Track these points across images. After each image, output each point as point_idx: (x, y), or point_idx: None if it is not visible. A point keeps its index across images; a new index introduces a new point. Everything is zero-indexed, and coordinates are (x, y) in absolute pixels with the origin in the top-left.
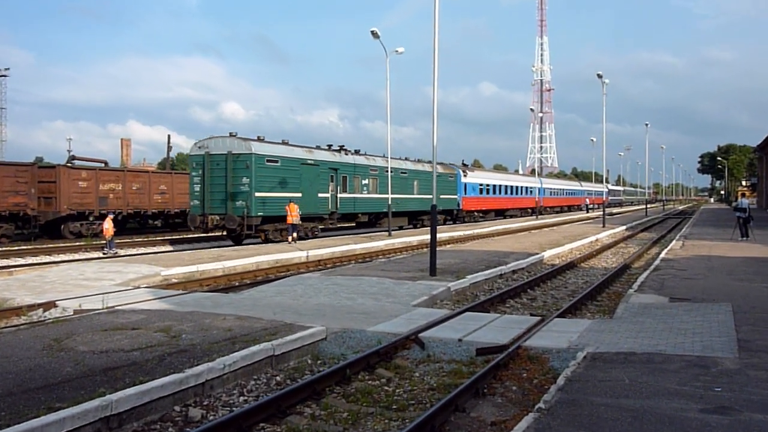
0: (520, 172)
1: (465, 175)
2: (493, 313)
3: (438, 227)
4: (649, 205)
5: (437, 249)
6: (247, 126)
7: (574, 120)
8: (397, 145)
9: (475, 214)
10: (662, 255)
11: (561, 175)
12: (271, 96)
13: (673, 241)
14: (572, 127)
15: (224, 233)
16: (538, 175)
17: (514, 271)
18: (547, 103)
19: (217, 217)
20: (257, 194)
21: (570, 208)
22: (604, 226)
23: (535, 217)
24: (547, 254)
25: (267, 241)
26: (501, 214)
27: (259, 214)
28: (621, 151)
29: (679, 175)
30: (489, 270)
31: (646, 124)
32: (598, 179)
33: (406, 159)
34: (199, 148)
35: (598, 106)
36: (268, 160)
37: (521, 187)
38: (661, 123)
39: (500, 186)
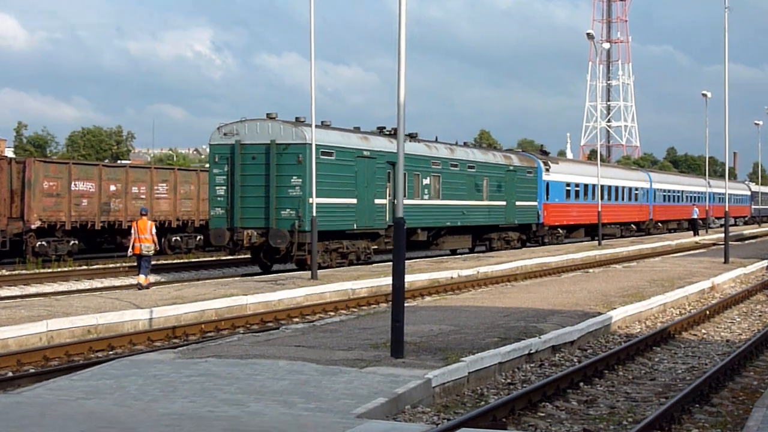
0: (569, 155)
1: (547, 170)
2: None
3: (503, 252)
4: None
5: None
6: (26, 60)
7: (667, 57)
8: (329, 102)
9: (559, 230)
10: None
11: (647, 162)
12: (82, 5)
13: None
14: (665, 70)
15: (251, 254)
16: (615, 162)
17: (554, 348)
18: (620, 23)
19: (255, 233)
20: (312, 200)
21: (690, 224)
22: (726, 262)
23: (599, 243)
24: (617, 314)
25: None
26: (593, 231)
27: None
28: (758, 116)
29: None
30: (506, 345)
31: None
32: (714, 171)
33: (464, 144)
34: (225, 135)
35: (714, 32)
36: (323, 153)
37: (625, 188)
38: None
39: (596, 187)
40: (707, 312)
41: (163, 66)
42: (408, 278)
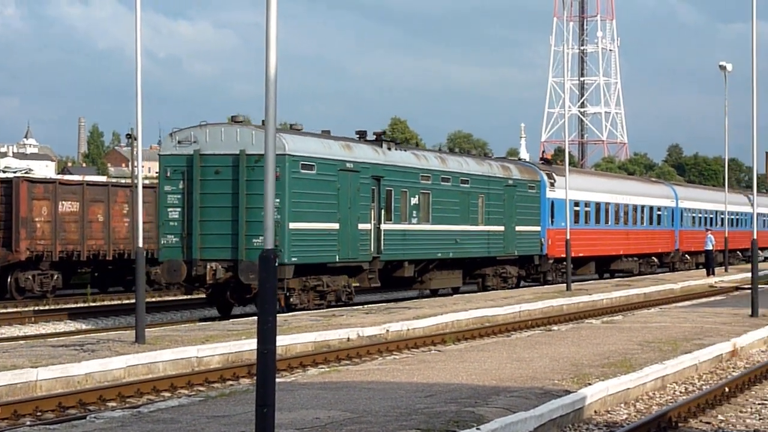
0: (525, 155)
1: (552, 185)
2: None
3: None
4: None
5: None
6: None
7: (667, 11)
8: (161, 73)
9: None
10: None
11: (639, 167)
12: None
13: None
14: (664, 31)
15: (202, 292)
16: (592, 167)
17: None
18: None
19: (221, 267)
20: (293, 225)
21: (736, 255)
22: (755, 314)
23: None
24: (594, 393)
25: (288, 309)
26: (606, 265)
27: (294, 259)
28: None
29: None
30: None
31: None
32: (737, 181)
33: (453, 151)
34: (180, 143)
35: None
36: (303, 166)
37: (645, 207)
38: None
39: (612, 205)
40: (726, 389)
41: None
42: (284, 340)
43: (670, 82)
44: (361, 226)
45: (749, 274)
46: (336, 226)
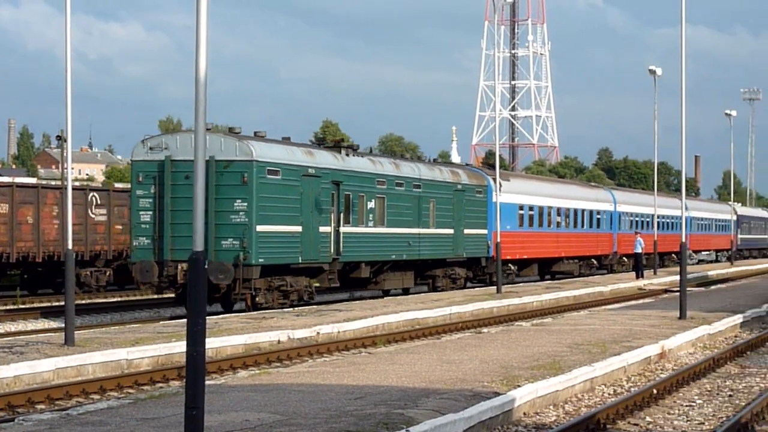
0: (456, 157)
1: (499, 189)
2: None
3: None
4: None
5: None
6: None
7: (596, 15)
8: (93, 75)
9: (510, 266)
10: None
11: (569, 170)
12: None
13: None
14: (593, 36)
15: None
16: (523, 170)
17: None
18: None
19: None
20: (260, 228)
21: (671, 258)
22: (683, 317)
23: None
24: (523, 395)
25: (254, 308)
26: (548, 267)
27: (261, 260)
28: (731, 103)
29: None
30: None
31: None
32: (667, 184)
33: (405, 158)
34: (151, 150)
35: None
36: (269, 171)
37: (585, 211)
38: None
39: (554, 209)
40: (655, 391)
41: None
42: (213, 342)
43: (600, 86)
44: (321, 228)
45: (678, 277)
46: (299, 228)
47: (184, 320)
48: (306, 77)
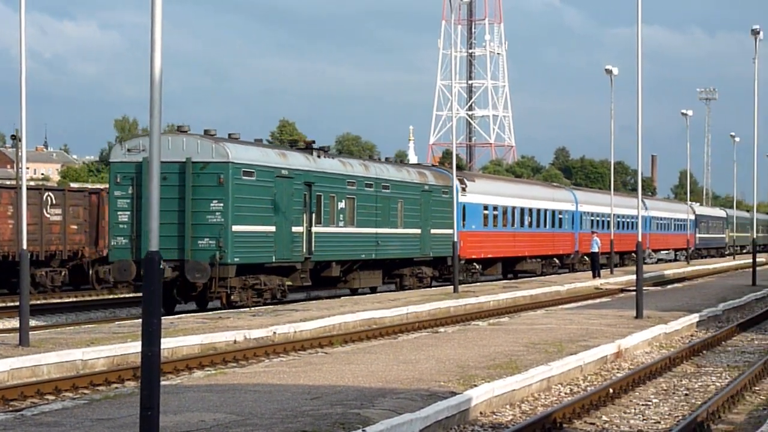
0: (413, 157)
1: (464, 189)
2: None
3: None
4: None
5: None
6: None
7: (552, 14)
8: (48, 74)
9: (475, 265)
10: None
11: (527, 169)
12: None
13: None
14: (549, 35)
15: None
16: (479, 169)
17: None
18: None
19: (168, 266)
20: (236, 228)
21: (632, 257)
22: (639, 316)
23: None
24: (480, 394)
25: (229, 306)
26: (511, 266)
27: (236, 259)
28: (687, 102)
29: None
30: None
31: (756, 32)
32: (623, 184)
33: (373, 159)
34: (129, 151)
35: None
36: (245, 173)
37: (548, 211)
38: None
39: (518, 210)
40: (611, 390)
41: None
42: (169, 343)
43: (557, 86)
44: (294, 228)
45: (634, 276)
46: (273, 228)
47: (140, 320)
48: (260, 76)
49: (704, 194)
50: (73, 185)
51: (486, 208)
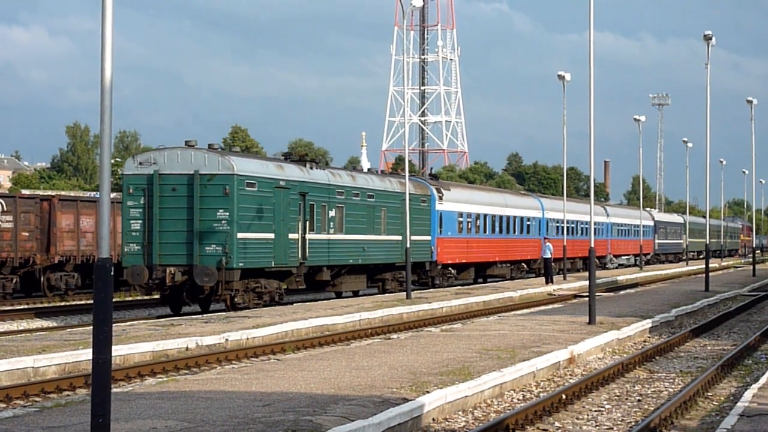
0: (365, 164)
1: (440, 198)
2: None
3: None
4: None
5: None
6: None
7: (502, 20)
8: None
9: (451, 270)
10: (746, 398)
11: (479, 176)
12: None
13: None
14: (501, 41)
15: (155, 293)
16: (446, 180)
17: None
18: None
19: (178, 271)
20: (240, 235)
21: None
22: (591, 322)
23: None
24: (432, 401)
25: (233, 308)
26: (483, 270)
27: (241, 264)
28: (639, 109)
29: None
30: None
31: (708, 38)
32: (576, 190)
33: (356, 170)
34: (141, 165)
35: None
36: (248, 184)
37: (517, 218)
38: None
39: (489, 217)
40: (564, 396)
41: None
42: (121, 350)
43: (509, 91)
44: (290, 235)
45: (587, 282)
46: (272, 236)
47: (91, 327)
48: (211, 82)
49: (657, 200)
50: (25, 192)
51: (461, 215)
